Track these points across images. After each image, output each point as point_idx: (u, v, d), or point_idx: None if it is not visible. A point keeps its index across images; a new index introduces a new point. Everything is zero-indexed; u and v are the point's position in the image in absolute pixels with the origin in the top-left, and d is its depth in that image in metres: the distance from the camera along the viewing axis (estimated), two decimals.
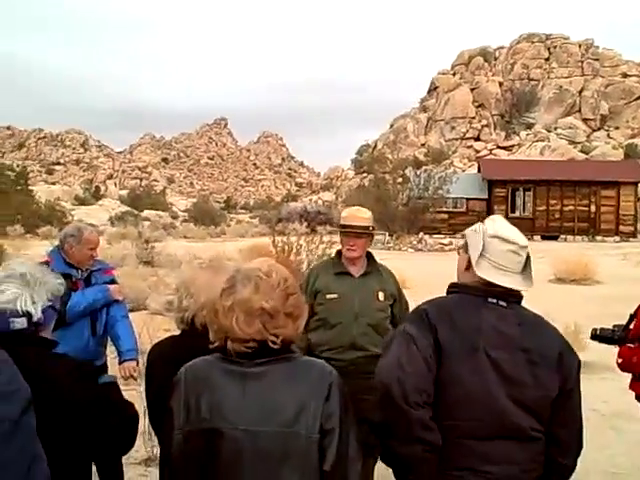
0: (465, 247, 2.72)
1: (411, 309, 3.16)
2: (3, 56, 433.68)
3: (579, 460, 2.65)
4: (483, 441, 2.45)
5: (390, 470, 2.67)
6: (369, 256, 4.79)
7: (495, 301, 2.57)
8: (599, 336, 4.19)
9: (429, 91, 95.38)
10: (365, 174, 72.61)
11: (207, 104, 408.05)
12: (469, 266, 2.64)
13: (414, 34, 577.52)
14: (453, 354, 2.46)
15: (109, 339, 5.39)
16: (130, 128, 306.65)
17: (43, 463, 1.74)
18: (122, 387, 2.80)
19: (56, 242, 5.47)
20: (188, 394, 2.24)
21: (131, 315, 5.66)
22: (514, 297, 2.62)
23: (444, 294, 2.72)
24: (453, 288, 2.70)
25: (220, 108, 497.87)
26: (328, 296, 4.59)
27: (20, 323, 2.36)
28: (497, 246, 2.60)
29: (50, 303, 2.50)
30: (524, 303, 2.67)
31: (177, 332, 3.10)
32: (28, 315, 2.40)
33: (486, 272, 2.59)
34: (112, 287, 5.29)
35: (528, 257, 2.68)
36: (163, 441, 2.39)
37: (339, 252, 4.80)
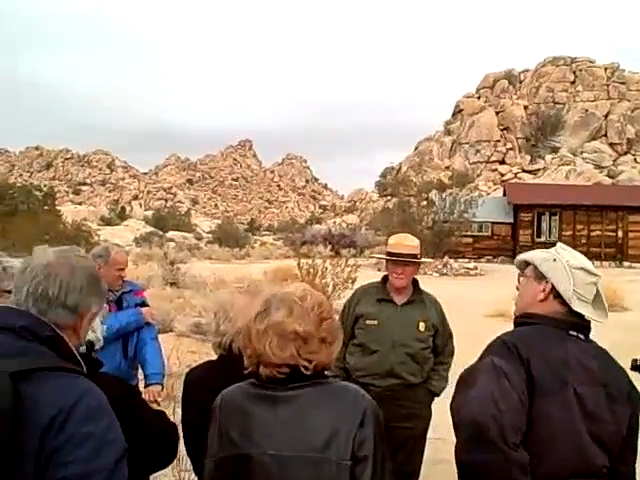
0: (540, 276, 2.62)
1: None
2: (32, 77, 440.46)
3: None
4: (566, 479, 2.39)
5: None
6: (415, 284, 4.73)
7: (575, 334, 2.53)
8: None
9: (454, 114, 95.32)
10: (389, 197, 72.57)
11: (232, 126, 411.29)
12: (547, 297, 2.58)
13: (439, 57, 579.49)
14: (545, 390, 2.37)
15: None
16: (155, 149, 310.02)
17: None
18: None
19: None
20: (222, 422, 2.24)
21: (158, 337, 5.69)
22: (588, 330, 2.59)
23: (471, 318, 2.67)
24: (529, 319, 2.59)
25: (245, 130, 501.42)
26: (368, 322, 4.56)
27: (82, 349, 2.40)
28: (583, 278, 2.56)
29: (105, 327, 2.56)
30: None
31: (214, 356, 3.11)
32: (90, 344, 2.44)
33: (580, 307, 2.55)
34: (144, 310, 5.32)
35: (598, 289, 2.65)
36: (198, 472, 2.39)
37: (385, 278, 4.75)
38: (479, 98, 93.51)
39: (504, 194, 50.52)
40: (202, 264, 34.02)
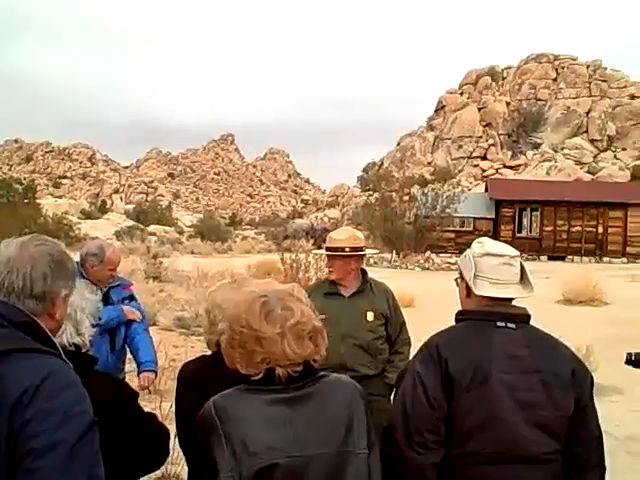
0: (461, 275, 2.73)
1: (418, 328, 3.15)
2: (10, 68, 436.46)
3: None
4: (498, 465, 2.45)
5: None
6: (363, 274, 4.72)
7: (504, 324, 2.56)
8: (634, 361, 4.14)
9: (436, 110, 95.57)
10: (371, 192, 72.65)
11: (214, 120, 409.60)
12: (469, 292, 2.65)
13: (421, 53, 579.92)
14: (464, 385, 2.46)
15: (129, 352, 5.42)
16: (137, 143, 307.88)
17: None
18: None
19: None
20: (228, 436, 2.11)
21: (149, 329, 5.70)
22: (521, 317, 2.62)
23: (451, 312, 2.75)
24: (460, 316, 2.69)
25: (227, 124, 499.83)
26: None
27: (70, 348, 2.45)
28: (489, 262, 2.61)
29: (93, 329, 2.57)
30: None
31: (199, 351, 3.12)
32: (76, 347, 2.49)
33: (485, 289, 2.59)
34: (125, 308, 5.29)
35: (522, 267, 2.69)
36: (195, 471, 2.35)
37: None
38: (462, 94, 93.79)
39: (486, 190, 50.83)
40: (184, 258, 33.97)
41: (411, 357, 2.85)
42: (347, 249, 4.58)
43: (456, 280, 2.82)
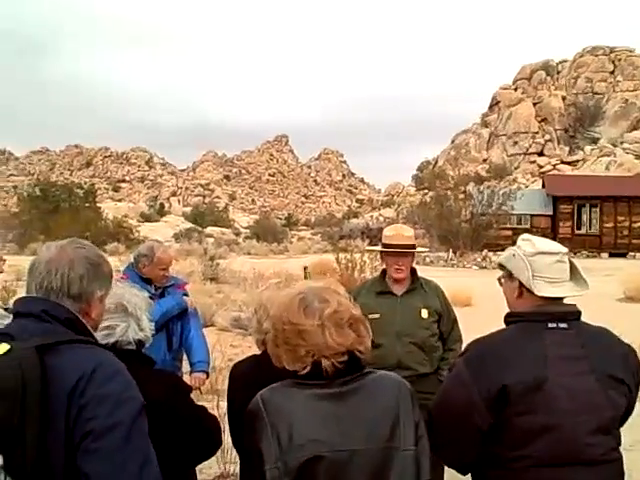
0: (509, 275, 2.65)
1: (477, 327, 3.11)
2: (69, 75, 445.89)
3: None
4: (555, 468, 2.40)
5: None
6: (413, 273, 4.69)
7: (555, 325, 2.49)
8: None
9: (490, 106, 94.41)
10: (426, 190, 72.18)
11: (268, 121, 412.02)
12: (521, 293, 2.59)
13: (475, 49, 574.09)
14: (518, 390, 2.40)
15: (184, 352, 5.51)
16: (193, 146, 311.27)
17: (153, 465, 1.86)
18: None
19: (124, 258, 5.64)
20: (275, 426, 2.15)
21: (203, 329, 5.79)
22: (573, 315, 2.56)
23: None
24: (510, 318, 2.62)
25: (281, 125, 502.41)
26: (370, 316, 4.40)
27: (130, 347, 2.60)
28: (543, 261, 2.54)
29: (152, 324, 2.67)
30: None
31: (256, 351, 3.15)
32: (140, 343, 2.64)
33: (545, 290, 2.52)
34: (184, 297, 5.43)
35: (571, 263, 2.63)
36: (252, 476, 2.38)
37: (384, 271, 4.71)
38: (516, 90, 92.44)
39: (543, 186, 50.01)
40: (241, 259, 34.22)
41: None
42: (403, 246, 4.57)
43: (499, 280, 2.74)
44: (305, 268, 19.16)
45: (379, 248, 4.83)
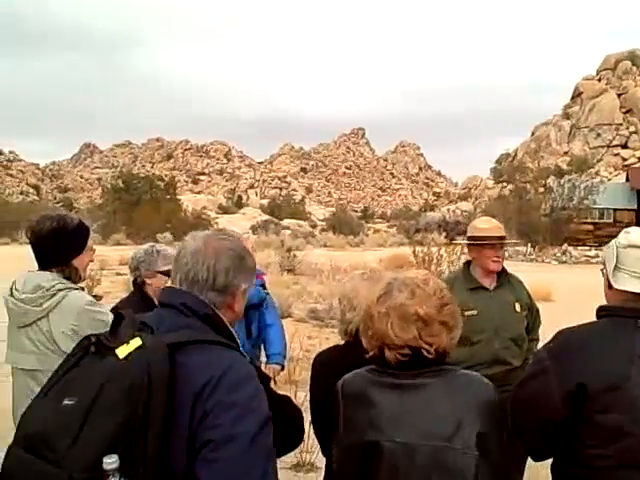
0: (604, 265, 2.57)
1: (557, 322, 3.08)
2: (153, 71, 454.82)
3: None
4: (634, 470, 2.33)
5: None
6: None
7: None
8: None
9: (572, 97, 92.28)
10: (505, 183, 71.04)
11: (345, 114, 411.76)
12: (609, 285, 2.50)
13: (557, 39, 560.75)
14: (598, 387, 2.33)
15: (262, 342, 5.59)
16: (270, 139, 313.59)
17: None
18: None
19: None
20: (345, 408, 2.25)
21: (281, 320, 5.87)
22: None
23: (592, 307, 2.59)
24: (602, 312, 2.52)
25: (358, 118, 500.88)
26: (467, 313, 4.16)
27: None
28: (632, 254, 2.45)
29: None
30: None
31: (332, 341, 3.21)
32: None
33: (624, 283, 2.44)
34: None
35: None
36: (327, 455, 2.46)
37: (468, 264, 4.60)
38: (600, 80, 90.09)
39: (627, 179, 48.63)
40: (317, 251, 34.32)
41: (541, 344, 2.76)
42: (500, 237, 4.49)
43: (602, 270, 2.65)
44: None
45: (462, 242, 4.76)
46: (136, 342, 1.78)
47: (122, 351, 1.77)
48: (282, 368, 5.49)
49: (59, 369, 1.88)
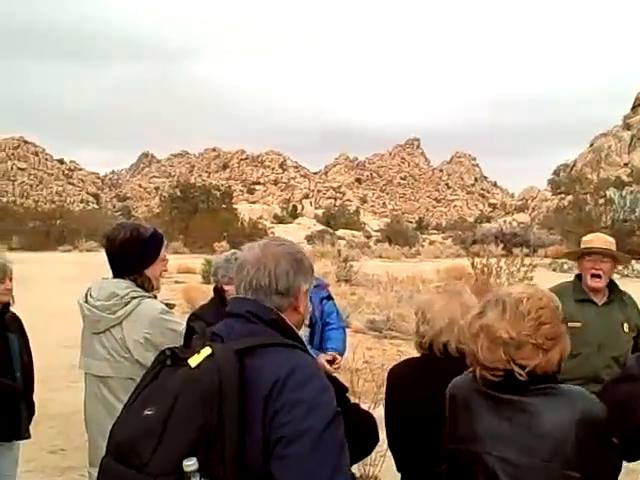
0: None
1: None
2: (209, 82, 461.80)
3: None
4: None
5: None
6: (611, 283, 4.47)
7: None
8: None
9: (633, 107, 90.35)
10: (563, 195, 69.94)
11: (399, 124, 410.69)
12: None
13: (617, 47, 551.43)
14: None
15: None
16: (325, 149, 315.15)
17: (344, 475, 1.85)
18: None
19: None
20: (452, 412, 2.29)
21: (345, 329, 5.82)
22: None
23: None
24: None
25: (412, 128, 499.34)
26: (570, 324, 4.18)
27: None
28: None
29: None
30: None
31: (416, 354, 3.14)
32: None
33: None
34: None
35: None
36: (402, 469, 2.43)
37: (579, 276, 4.50)
38: None
39: None
40: (373, 262, 34.36)
41: None
42: (604, 249, 4.39)
43: None
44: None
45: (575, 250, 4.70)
46: (206, 351, 1.88)
47: (194, 360, 1.87)
48: (333, 359, 5.39)
49: (141, 382, 2.00)
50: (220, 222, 52.48)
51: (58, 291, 20.23)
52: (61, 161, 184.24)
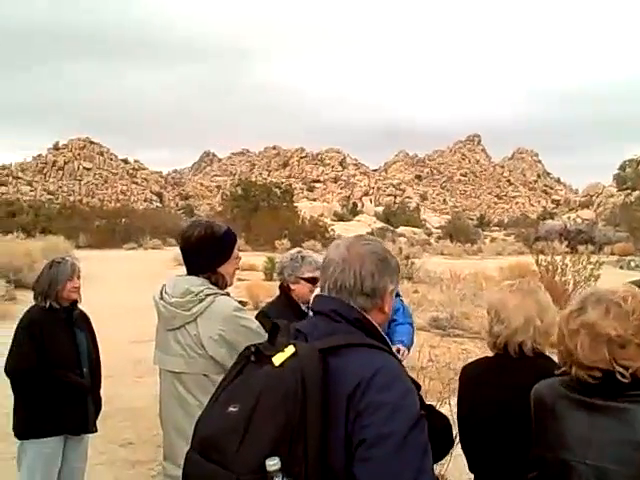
0: None
1: None
2: (268, 80, 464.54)
3: None
4: None
5: None
6: None
7: None
8: None
9: None
10: (629, 191, 68.36)
11: (460, 120, 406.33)
12: None
13: None
14: None
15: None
16: (384, 146, 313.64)
17: (427, 478, 1.82)
18: None
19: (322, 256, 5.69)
20: (537, 418, 2.22)
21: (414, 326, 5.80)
22: None
23: None
24: None
25: (473, 124, 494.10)
26: None
27: None
28: None
29: None
30: None
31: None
32: None
33: None
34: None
35: None
36: (475, 469, 2.38)
37: None
38: None
39: None
40: (434, 259, 34.13)
41: None
42: None
43: None
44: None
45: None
46: (290, 349, 1.86)
47: (278, 359, 1.85)
48: (399, 351, 5.37)
49: (225, 377, 1.99)
50: (281, 220, 52.74)
51: (124, 288, 20.68)
52: (125, 161, 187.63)
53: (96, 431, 4.91)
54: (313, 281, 4.44)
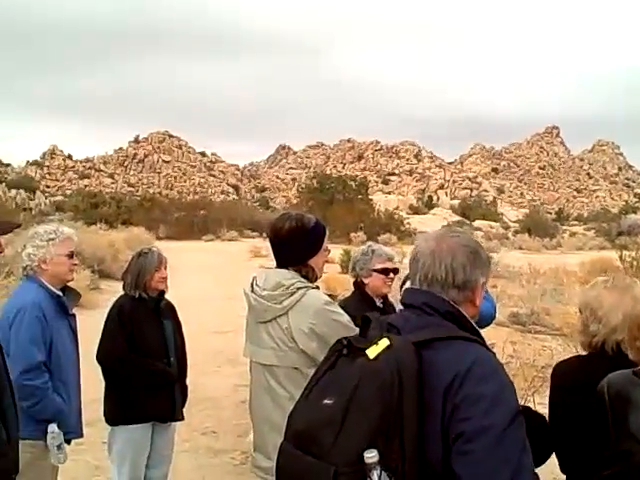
0: None
1: None
2: (343, 74, 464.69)
3: None
4: None
5: None
6: None
7: None
8: None
9: None
10: None
11: (537, 112, 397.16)
12: None
13: None
14: None
15: None
16: (460, 139, 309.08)
17: (527, 475, 1.79)
18: None
19: (397, 249, 5.60)
20: (614, 411, 2.18)
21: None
22: None
23: None
24: None
25: (551, 116, 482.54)
26: None
27: None
28: None
29: None
30: None
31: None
32: None
33: None
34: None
35: None
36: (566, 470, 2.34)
37: None
38: None
39: None
40: (513, 254, 33.60)
41: None
42: None
43: None
44: None
45: None
46: (384, 342, 1.86)
47: (372, 352, 1.85)
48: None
49: (317, 371, 2.01)
50: (356, 213, 52.79)
51: (202, 279, 21.03)
52: (203, 154, 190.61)
53: (183, 419, 5.02)
54: (385, 272, 4.56)
